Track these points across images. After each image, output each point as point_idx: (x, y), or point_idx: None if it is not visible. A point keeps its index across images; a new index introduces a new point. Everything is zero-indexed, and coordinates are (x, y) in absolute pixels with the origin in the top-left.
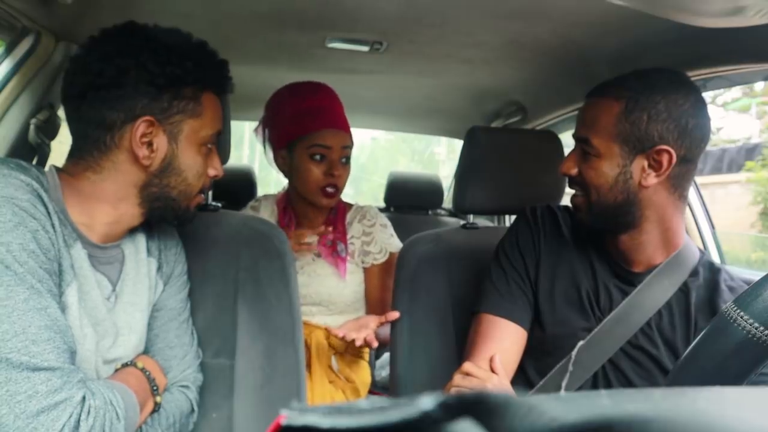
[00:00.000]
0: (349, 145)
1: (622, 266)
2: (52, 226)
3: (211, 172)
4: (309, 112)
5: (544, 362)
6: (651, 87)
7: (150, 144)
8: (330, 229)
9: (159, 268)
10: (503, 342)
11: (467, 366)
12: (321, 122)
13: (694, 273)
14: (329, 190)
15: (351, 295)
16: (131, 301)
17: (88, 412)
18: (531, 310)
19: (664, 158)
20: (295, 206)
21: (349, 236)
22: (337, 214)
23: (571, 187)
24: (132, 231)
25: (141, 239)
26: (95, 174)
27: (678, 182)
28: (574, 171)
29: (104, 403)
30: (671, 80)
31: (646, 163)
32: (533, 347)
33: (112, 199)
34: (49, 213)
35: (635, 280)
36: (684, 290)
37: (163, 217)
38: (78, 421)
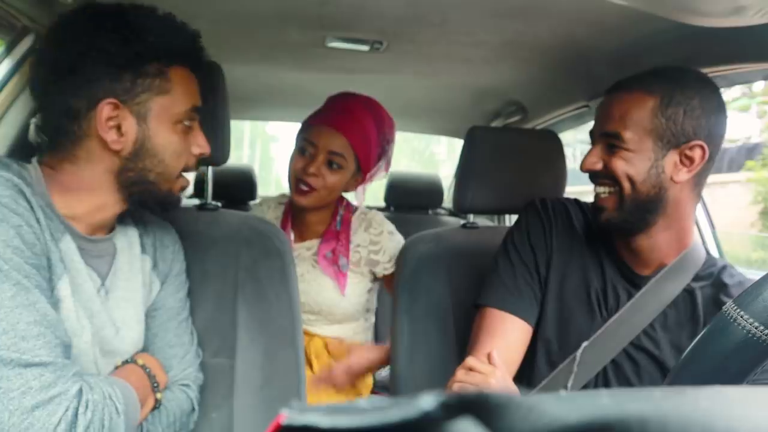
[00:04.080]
0: (337, 152)
1: (630, 268)
2: (37, 220)
3: (195, 150)
4: (318, 109)
5: (549, 361)
6: (683, 83)
7: (118, 127)
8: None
9: (155, 266)
10: (507, 338)
11: (470, 361)
12: (314, 117)
13: (701, 272)
14: (302, 186)
15: (350, 307)
16: (124, 296)
17: (86, 406)
18: (537, 306)
19: (697, 154)
20: (295, 212)
21: (353, 244)
22: (342, 224)
23: (598, 183)
24: (124, 225)
25: (134, 234)
26: (71, 164)
27: (700, 180)
28: (598, 165)
29: (103, 398)
30: (698, 78)
31: (677, 159)
32: (538, 345)
33: (90, 187)
34: (32, 208)
35: (641, 283)
36: (689, 290)
37: (145, 202)
38: (75, 415)
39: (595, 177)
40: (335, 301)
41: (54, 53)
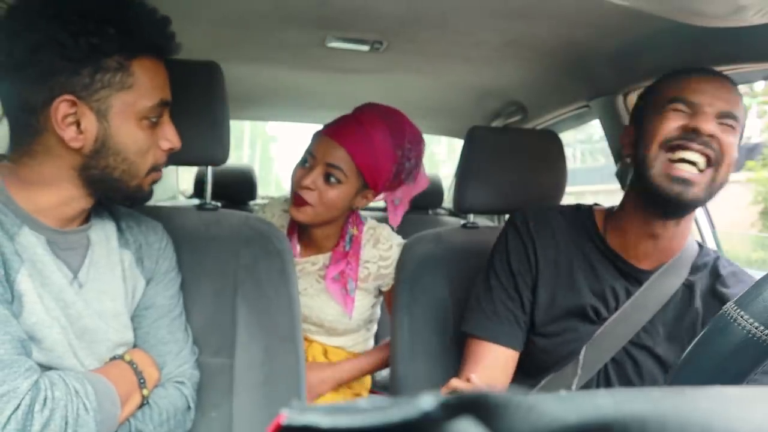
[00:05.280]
0: (334, 165)
1: (629, 263)
2: None
3: (165, 144)
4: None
5: (551, 370)
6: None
7: (78, 124)
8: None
9: (139, 263)
10: (488, 365)
11: (454, 382)
12: (325, 126)
13: (697, 265)
14: (298, 200)
15: (353, 323)
16: (101, 288)
17: (44, 403)
18: (521, 328)
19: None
20: (301, 225)
21: (362, 260)
22: (352, 245)
23: (695, 150)
24: (101, 218)
25: (112, 228)
26: (31, 159)
27: None
28: (717, 133)
29: (66, 394)
30: None
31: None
32: (536, 357)
33: (53, 182)
34: None
35: (642, 278)
36: (688, 283)
37: (113, 197)
38: (30, 412)
39: (692, 143)
40: (338, 318)
41: (9, 43)
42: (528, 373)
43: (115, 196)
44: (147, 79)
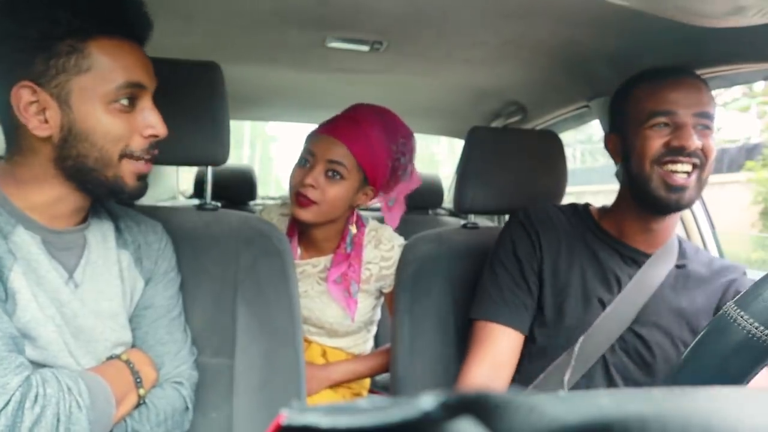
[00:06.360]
0: (336, 160)
1: (632, 247)
2: None
3: (147, 131)
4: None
5: (550, 358)
6: None
7: (44, 112)
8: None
9: (138, 263)
10: (497, 347)
11: None
12: (319, 127)
13: (682, 251)
14: (300, 200)
15: (354, 325)
16: (97, 288)
17: (35, 400)
18: (528, 313)
19: None
20: (301, 228)
21: (364, 261)
22: (354, 247)
23: (682, 162)
24: (100, 219)
25: (110, 228)
26: (21, 157)
27: None
28: (699, 144)
29: (59, 391)
30: None
31: None
32: (543, 347)
33: (42, 179)
34: None
35: (641, 261)
36: (680, 265)
37: (96, 192)
38: (19, 409)
39: (682, 158)
40: (339, 320)
41: None
42: (528, 361)
43: (98, 191)
44: (108, 61)
